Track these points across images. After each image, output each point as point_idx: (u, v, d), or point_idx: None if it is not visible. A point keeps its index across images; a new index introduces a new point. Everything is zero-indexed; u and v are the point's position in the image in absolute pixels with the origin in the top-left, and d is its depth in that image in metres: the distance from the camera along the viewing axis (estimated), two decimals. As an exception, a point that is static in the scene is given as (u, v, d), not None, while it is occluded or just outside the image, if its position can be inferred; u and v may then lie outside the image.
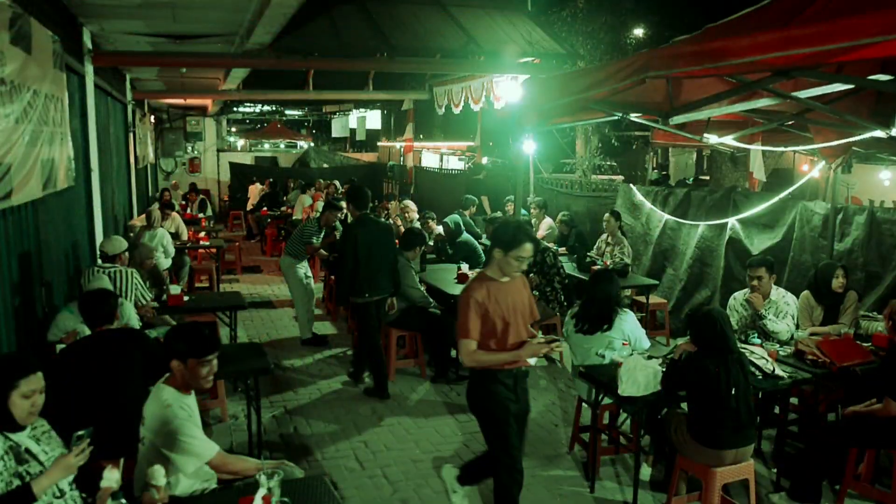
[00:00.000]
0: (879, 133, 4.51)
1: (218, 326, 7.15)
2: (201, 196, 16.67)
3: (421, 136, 25.43)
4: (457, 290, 7.29)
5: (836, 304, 5.69)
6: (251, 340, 8.15)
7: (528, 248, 3.86)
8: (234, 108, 25.17)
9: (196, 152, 21.73)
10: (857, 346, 5.07)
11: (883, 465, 4.86)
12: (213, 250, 11.06)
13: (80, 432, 2.94)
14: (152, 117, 19.05)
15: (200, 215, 14.75)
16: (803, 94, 4.17)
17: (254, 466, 3.39)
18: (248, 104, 25.07)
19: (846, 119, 4.63)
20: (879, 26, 2.24)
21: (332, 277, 8.82)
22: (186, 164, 21.60)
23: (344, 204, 10.64)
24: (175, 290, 6.75)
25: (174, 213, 11.09)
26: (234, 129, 35.87)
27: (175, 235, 10.43)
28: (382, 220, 8.87)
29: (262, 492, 2.88)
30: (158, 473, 2.88)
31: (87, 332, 4.55)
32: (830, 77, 3.63)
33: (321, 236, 8.57)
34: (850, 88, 4.39)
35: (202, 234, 11.31)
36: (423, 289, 7.25)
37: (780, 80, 3.45)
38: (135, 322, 5.49)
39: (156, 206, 10.69)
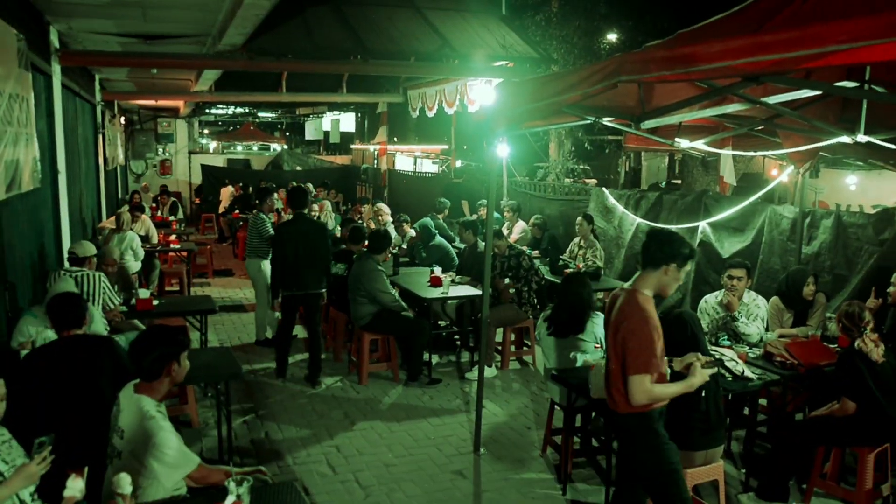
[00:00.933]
0: (845, 138, 4.58)
1: (188, 330, 7.06)
2: (172, 199, 16.46)
3: (395, 139, 25.42)
4: (430, 293, 7.30)
5: (806, 310, 5.77)
6: (222, 345, 8.06)
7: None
8: (207, 110, 24.87)
9: (167, 154, 21.48)
10: (824, 347, 5.14)
11: (848, 463, 4.93)
12: (184, 254, 10.93)
13: (41, 438, 2.87)
14: (122, 118, 18.81)
15: (171, 218, 14.58)
16: (772, 99, 4.22)
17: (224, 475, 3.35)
18: (221, 106, 24.79)
19: (814, 125, 4.70)
20: (845, 34, 2.27)
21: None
22: (157, 167, 21.35)
23: (317, 206, 10.65)
24: (144, 293, 6.65)
25: (144, 216, 10.95)
26: (206, 131, 35.51)
27: (145, 238, 10.29)
28: (322, 218, 9.06)
29: (231, 499, 2.84)
30: (124, 482, 2.82)
31: (52, 336, 4.46)
32: (799, 83, 3.68)
33: None
34: (818, 95, 4.45)
35: (173, 237, 11.17)
36: (395, 292, 7.22)
37: (750, 85, 3.48)
38: (100, 327, 5.39)
39: (125, 208, 10.55)
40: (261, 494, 3.15)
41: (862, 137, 4.46)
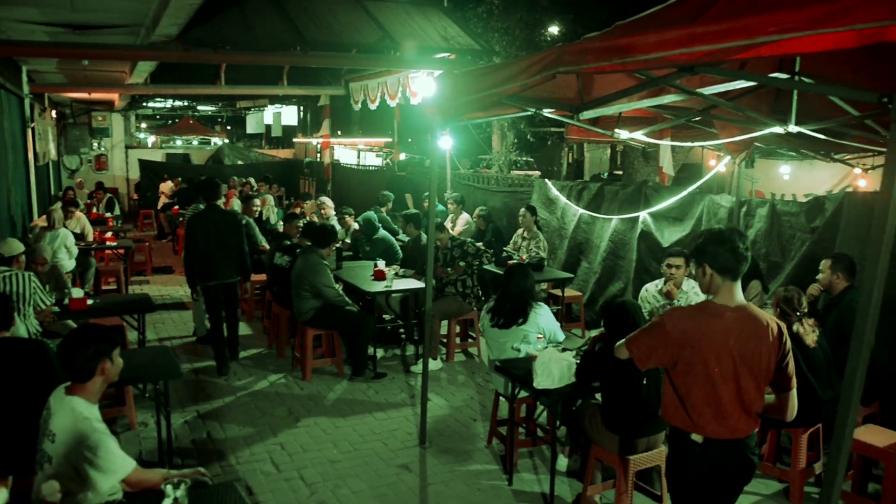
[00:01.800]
0: (778, 129, 4.69)
1: (125, 330, 6.88)
2: (109, 195, 15.99)
3: (339, 133, 25.17)
4: (374, 287, 7.26)
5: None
6: (162, 344, 7.87)
7: None
8: (144, 104, 24.23)
9: (103, 149, 20.87)
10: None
11: (783, 444, 5.07)
12: (121, 251, 10.64)
13: None
14: (54, 112, 18.16)
15: (108, 215, 14.17)
16: (708, 90, 4.28)
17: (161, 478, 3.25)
18: (158, 99, 24.16)
19: (748, 115, 4.78)
20: (773, 26, 2.31)
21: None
22: (93, 162, 20.71)
23: (258, 201, 10.47)
24: (78, 293, 6.44)
25: (78, 213, 10.60)
26: (143, 125, 34.60)
27: (80, 236, 9.98)
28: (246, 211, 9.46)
29: (167, 502, 2.76)
30: (52, 488, 2.72)
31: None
32: (732, 74, 3.73)
33: None
34: (752, 86, 4.54)
35: (109, 235, 10.85)
36: (339, 287, 7.15)
37: (685, 76, 3.53)
38: (22, 330, 5.18)
39: (58, 205, 10.18)
40: (200, 496, 3.07)
41: (793, 128, 4.57)
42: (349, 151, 26.41)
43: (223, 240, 7.05)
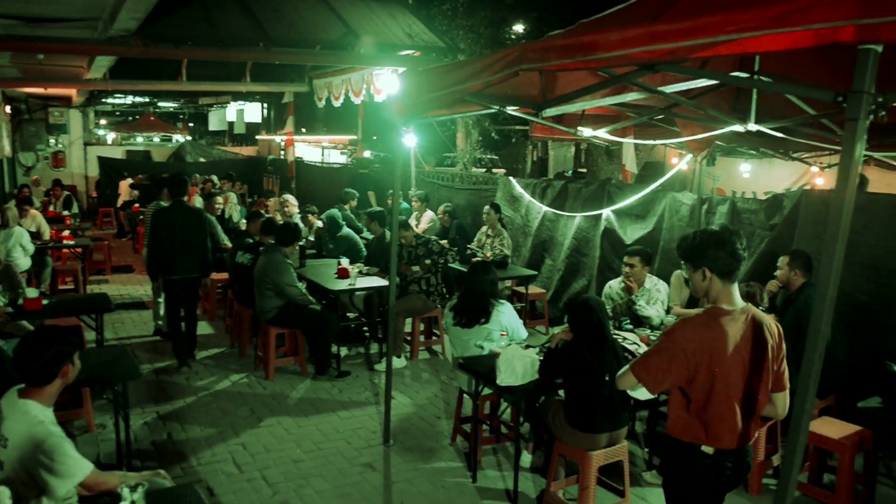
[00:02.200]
0: (738, 127, 4.76)
1: (83, 330, 6.73)
2: (66, 192, 15.66)
3: (303, 130, 24.98)
4: (337, 285, 7.21)
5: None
6: (121, 344, 7.72)
7: None
8: (103, 99, 23.73)
9: (60, 146, 20.44)
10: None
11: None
12: (79, 250, 10.41)
13: None
14: (8, 107, 17.73)
15: (65, 213, 13.88)
16: (669, 88, 4.32)
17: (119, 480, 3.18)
18: (118, 95, 23.68)
19: (709, 114, 4.84)
20: (732, 24, 2.33)
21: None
22: (49, 159, 20.27)
23: (221, 199, 10.34)
24: (32, 293, 6.26)
25: (34, 211, 10.37)
26: (103, 122, 33.98)
27: (36, 234, 9.77)
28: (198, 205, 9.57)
29: (124, 505, 2.70)
30: (4, 495, 2.64)
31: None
32: (692, 72, 3.77)
33: None
34: (713, 85, 4.59)
35: (66, 233, 10.61)
36: (302, 286, 7.08)
37: (647, 73, 3.54)
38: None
39: (12, 203, 9.93)
40: (158, 499, 3.01)
41: (752, 126, 4.64)
42: (314, 149, 26.24)
43: (187, 236, 7.04)
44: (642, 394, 3.06)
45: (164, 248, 7.03)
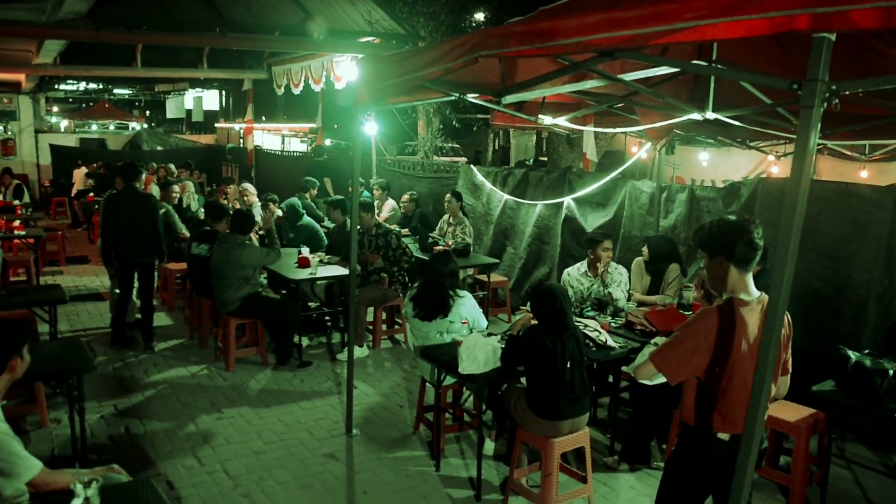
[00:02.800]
0: (696, 116, 4.79)
1: (36, 322, 6.56)
2: (17, 181, 15.21)
3: (263, 118, 24.64)
4: (298, 274, 7.14)
5: (662, 273, 6.07)
6: (76, 336, 7.55)
7: None
8: (55, 86, 23.17)
9: (10, 133, 19.86)
10: (680, 314, 5.41)
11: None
12: (31, 240, 10.14)
13: None
14: (-47, 94, 17.19)
15: (16, 202, 13.46)
16: (629, 76, 4.34)
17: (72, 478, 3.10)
18: (71, 81, 23.12)
19: (668, 102, 4.87)
20: (691, 12, 2.34)
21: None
22: (-2, 147, 19.72)
23: (178, 188, 10.15)
24: (-19, 284, 6.10)
25: (-18, 201, 10.08)
26: (55, 109, 33.17)
27: (-16, 225, 9.49)
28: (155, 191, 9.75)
29: (77, 502, 2.63)
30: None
31: None
32: (651, 59, 3.78)
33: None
34: (672, 73, 4.62)
35: (17, 223, 10.33)
36: (263, 276, 6.99)
37: (605, 60, 3.55)
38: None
39: (-41, 192, 9.64)
40: (114, 494, 2.95)
41: (710, 114, 4.68)
42: (273, 137, 25.91)
43: (135, 222, 7.06)
44: (657, 381, 3.08)
45: (113, 232, 7.08)
